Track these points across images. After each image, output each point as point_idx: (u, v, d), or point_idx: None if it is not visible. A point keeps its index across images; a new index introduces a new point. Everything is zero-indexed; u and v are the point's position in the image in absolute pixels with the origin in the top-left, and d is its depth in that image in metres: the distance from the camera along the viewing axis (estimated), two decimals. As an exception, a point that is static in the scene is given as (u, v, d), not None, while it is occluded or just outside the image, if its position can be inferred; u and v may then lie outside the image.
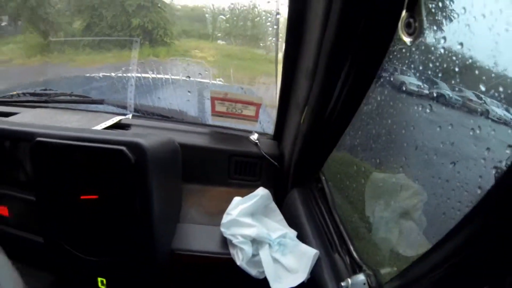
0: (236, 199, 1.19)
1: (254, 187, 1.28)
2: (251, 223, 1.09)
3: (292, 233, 1.13)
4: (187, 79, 1.65)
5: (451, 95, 0.85)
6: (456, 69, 0.72)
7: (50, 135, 0.97)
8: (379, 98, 1.02)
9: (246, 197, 1.19)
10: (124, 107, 1.58)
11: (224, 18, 1.76)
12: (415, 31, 0.67)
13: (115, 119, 1.42)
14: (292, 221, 1.20)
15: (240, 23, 1.77)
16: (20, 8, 2.12)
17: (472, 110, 1.27)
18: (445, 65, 0.75)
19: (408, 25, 0.68)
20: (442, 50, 0.70)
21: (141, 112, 1.59)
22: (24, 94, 1.57)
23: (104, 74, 1.74)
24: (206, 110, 1.62)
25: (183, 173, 1.25)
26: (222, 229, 1.10)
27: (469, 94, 0.78)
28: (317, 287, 0.98)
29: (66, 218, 1.04)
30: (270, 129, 1.55)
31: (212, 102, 1.37)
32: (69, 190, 1.00)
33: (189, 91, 1.63)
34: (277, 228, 1.13)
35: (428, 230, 1.15)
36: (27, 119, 1.36)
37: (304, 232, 1.13)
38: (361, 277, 0.91)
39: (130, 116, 1.51)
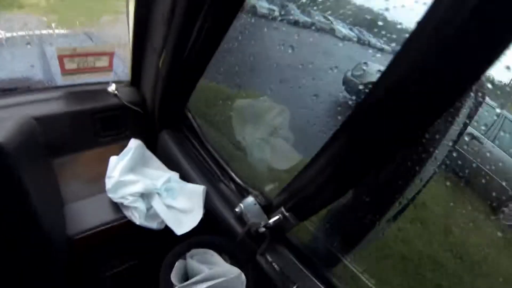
0: (112, 159, 1.16)
1: (123, 140, 1.27)
2: (134, 179, 1.09)
3: (175, 175, 1.17)
4: (25, 34, 1.38)
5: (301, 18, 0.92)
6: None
7: None
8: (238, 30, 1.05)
9: (121, 154, 1.16)
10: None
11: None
12: None
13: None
14: (170, 163, 1.23)
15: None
16: None
17: (320, 30, 1.41)
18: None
19: None
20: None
21: None
22: None
23: None
24: (54, 70, 1.40)
25: (47, 148, 1.11)
26: (110, 195, 1.08)
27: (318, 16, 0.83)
28: (215, 219, 1.07)
29: None
30: (124, 75, 1.45)
31: (60, 60, 1.19)
32: None
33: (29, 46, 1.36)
34: (159, 175, 1.15)
35: (297, 143, 1.31)
36: None
37: (185, 171, 1.19)
38: (250, 199, 1.02)
39: None
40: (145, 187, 1.07)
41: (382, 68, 0.57)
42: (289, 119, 1.30)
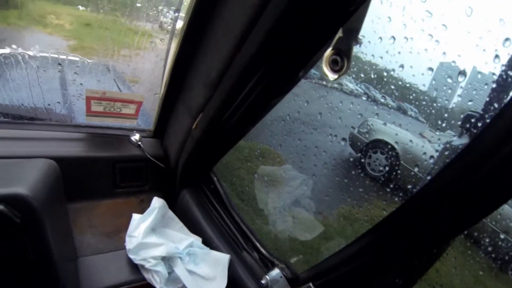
0: (135, 217, 1.13)
1: (142, 193, 1.26)
2: (158, 242, 1.06)
3: (197, 240, 1.15)
4: (56, 56, 1.33)
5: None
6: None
7: None
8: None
9: (145, 213, 1.13)
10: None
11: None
12: (342, 69, 0.71)
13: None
14: (190, 224, 1.21)
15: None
16: None
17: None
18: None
19: (334, 62, 0.71)
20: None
21: None
22: None
23: None
24: (75, 106, 1.38)
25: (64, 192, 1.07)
26: (131, 256, 1.04)
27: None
28: None
29: None
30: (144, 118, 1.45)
31: (87, 102, 1.19)
32: None
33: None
34: (181, 238, 1.13)
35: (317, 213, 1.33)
36: None
37: (208, 236, 1.17)
38: (276, 271, 1.01)
39: None
40: (168, 250, 1.04)
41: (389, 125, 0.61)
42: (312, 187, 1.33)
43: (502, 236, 1.04)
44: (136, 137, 1.32)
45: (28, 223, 0.75)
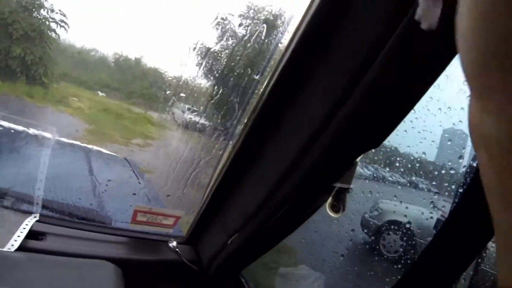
0: None
1: None
2: None
3: None
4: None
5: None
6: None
7: None
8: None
9: None
10: (30, 202, 1.38)
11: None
12: (340, 210, 1.12)
13: (28, 223, 1.25)
14: None
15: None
16: None
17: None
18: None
19: (333, 206, 1.12)
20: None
21: (49, 209, 1.48)
22: None
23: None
24: (110, 208, 1.76)
25: None
26: None
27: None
28: None
29: None
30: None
31: (134, 213, 1.53)
32: None
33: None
34: None
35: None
36: None
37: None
38: None
39: (37, 216, 1.34)
40: None
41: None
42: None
43: None
44: (173, 243, 1.65)
45: None
